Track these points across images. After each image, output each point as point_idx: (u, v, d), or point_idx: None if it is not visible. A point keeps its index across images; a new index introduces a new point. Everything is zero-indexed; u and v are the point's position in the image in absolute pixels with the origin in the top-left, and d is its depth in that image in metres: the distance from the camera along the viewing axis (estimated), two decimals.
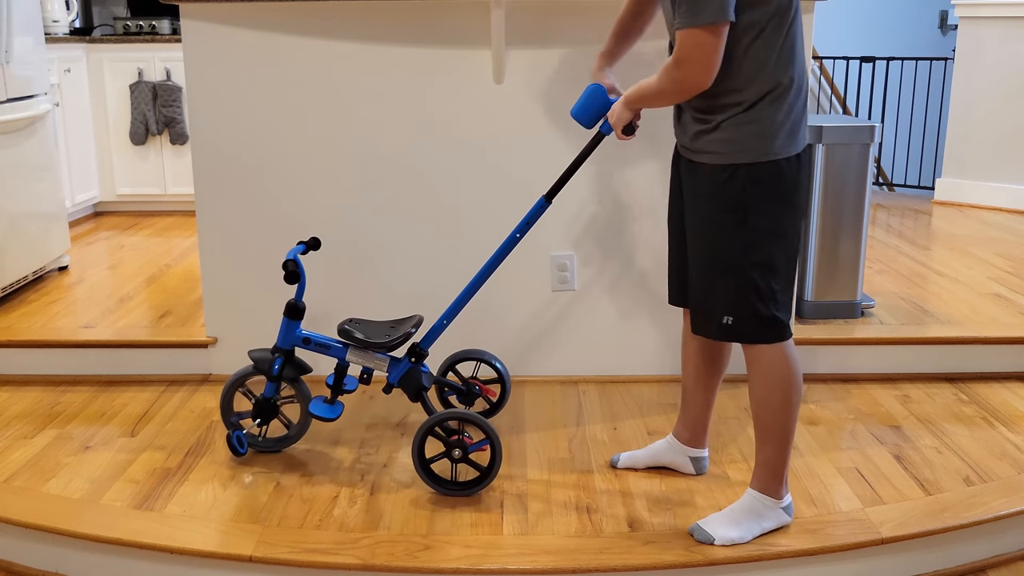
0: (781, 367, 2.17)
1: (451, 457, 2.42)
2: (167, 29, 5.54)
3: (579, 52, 3.01)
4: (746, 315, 2.14)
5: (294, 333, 2.56)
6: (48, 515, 2.32)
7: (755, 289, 2.13)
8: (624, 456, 2.60)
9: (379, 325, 2.60)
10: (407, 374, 2.56)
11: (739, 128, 2.09)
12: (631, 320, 3.22)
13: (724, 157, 2.11)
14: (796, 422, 2.21)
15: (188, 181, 5.35)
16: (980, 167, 5.58)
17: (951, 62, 6.41)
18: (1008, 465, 2.60)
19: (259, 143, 3.09)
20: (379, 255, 3.17)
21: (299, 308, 2.54)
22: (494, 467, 2.41)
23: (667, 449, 2.56)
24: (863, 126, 3.35)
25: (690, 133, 2.18)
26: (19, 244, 3.81)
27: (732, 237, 2.13)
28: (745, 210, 2.11)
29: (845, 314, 3.46)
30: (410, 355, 2.56)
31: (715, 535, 2.19)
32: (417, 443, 2.41)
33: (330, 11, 2.99)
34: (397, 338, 2.50)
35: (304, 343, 2.57)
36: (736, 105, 2.08)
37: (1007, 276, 4.05)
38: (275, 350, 2.57)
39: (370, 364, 2.56)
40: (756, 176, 2.09)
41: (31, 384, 3.20)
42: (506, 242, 2.48)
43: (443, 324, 2.57)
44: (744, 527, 2.21)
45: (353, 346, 2.55)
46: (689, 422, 2.52)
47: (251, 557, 2.15)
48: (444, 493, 2.43)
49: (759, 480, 2.25)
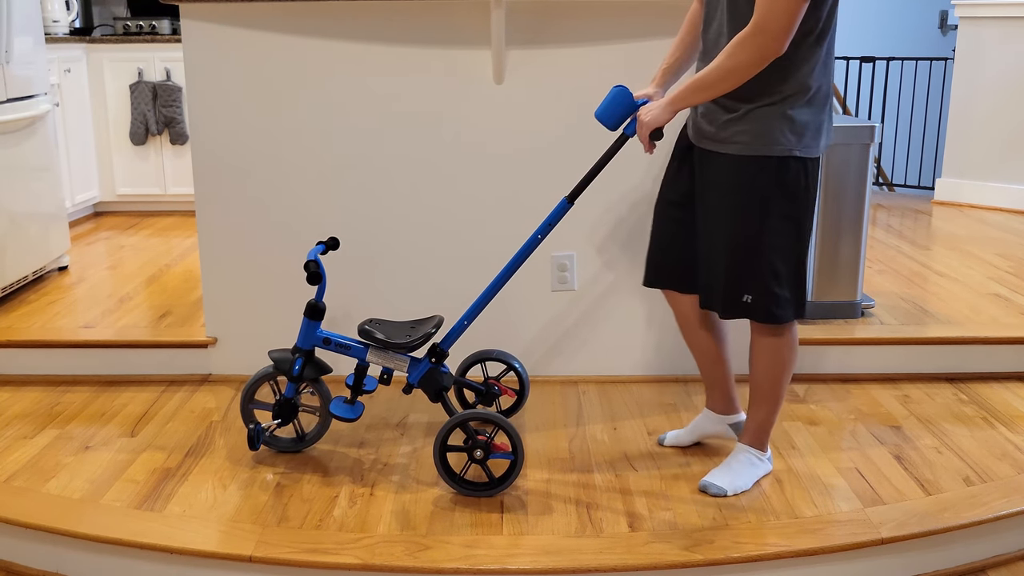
0: (787, 342, 2.38)
1: (471, 455, 2.42)
2: (167, 29, 5.54)
3: (579, 52, 3.01)
4: (764, 294, 2.30)
5: (315, 333, 2.56)
6: (48, 515, 2.32)
7: (774, 272, 2.29)
8: (670, 435, 2.73)
9: (399, 325, 2.60)
10: (427, 375, 2.55)
11: (769, 121, 2.18)
12: (631, 320, 3.22)
13: (754, 148, 2.21)
14: (787, 388, 2.48)
15: (188, 181, 5.35)
16: (980, 167, 5.58)
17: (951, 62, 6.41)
18: (1008, 465, 2.60)
19: (259, 143, 3.09)
20: (379, 255, 3.17)
21: (320, 308, 2.53)
22: (507, 481, 2.42)
23: (707, 422, 2.68)
24: (863, 126, 3.35)
25: (718, 121, 2.25)
26: (19, 244, 3.81)
27: (757, 223, 2.26)
28: (769, 199, 2.24)
29: (845, 314, 3.46)
30: (430, 355, 2.55)
31: (726, 487, 2.42)
32: (443, 434, 2.41)
33: (330, 11, 2.99)
34: (418, 339, 2.49)
35: (325, 343, 2.56)
36: (771, 95, 2.17)
37: (1007, 276, 4.05)
38: (295, 350, 2.57)
39: (390, 364, 2.55)
40: (784, 169, 2.22)
41: (31, 384, 3.20)
42: (527, 243, 2.48)
43: (463, 325, 2.55)
44: (744, 477, 2.46)
45: (374, 347, 2.55)
46: (717, 394, 2.65)
47: (251, 557, 2.15)
48: (453, 486, 2.43)
49: (750, 436, 2.50)
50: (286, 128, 3.08)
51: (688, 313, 2.55)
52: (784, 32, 2.07)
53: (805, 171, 2.24)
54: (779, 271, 2.29)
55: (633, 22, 2.98)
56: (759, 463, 2.50)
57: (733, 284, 2.31)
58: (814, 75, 2.18)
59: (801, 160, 2.22)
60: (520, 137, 3.08)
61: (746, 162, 2.22)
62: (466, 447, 2.43)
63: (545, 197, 3.11)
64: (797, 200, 2.25)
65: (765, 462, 2.52)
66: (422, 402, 3.05)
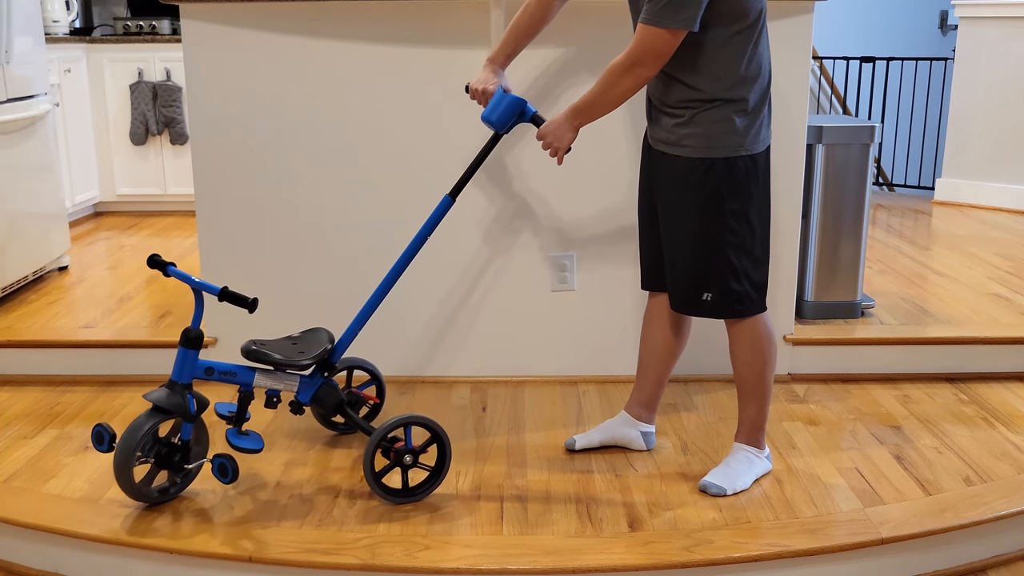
0: (760, 334, 2.42)
1: (403, 464, 2.36)
2: (167, 29, 5.54)
3: (579, 52, 3.01)
4: (724, 291, 2.36)
5: (194, 364, 2.29)
6: (48, 515, 2.32)
7: (731, 268, 2.35)
8: (580, 437, 2.70)
9: (282, 343, 2.46)
10: (322, 391, 2.48)
11: (713, 124, 2.28)
12: (631, 320, 3.22)
13: (701, 151, 2.30)
14: (773, 381, 2.49)
15: (188, 181, 5.35)
16: (980, 167, 5.58)
17: (951, 62, 6.41)
18: (1008, 465, 2.60)
19: (259, 143, 3.09)
20: (380, 254, 3.17)
21: (198, 336, 2.29)
22: (445, 464, 2.39)
23: (620, 425, 2.70)
24: (863, 126, 3.35)
25: (667, 126, 2.35)
26: (19, 244, 3.81)
27: (709, 221, 2.33)
28: (720, 197, 2.31)
29: (845, 314, 3.46)
30: (322, 370, 2.49)
31: (726, 486, 2.43)
32: (369, 459, 2.32)
33: (330, 11, 2.99)
34: (316, 355, 2.39)
35: (207, 373, 2.32)
36: (711, 98, 2.26)
37: (1007, 276, 4.05)
38: (173, 385, 2.27)
39: (279, 386, 2.42)
40: (730, 168, 2.30)
41: (31, 384, 3.20)
42: (412, 244, 2.51)
43: (354, 333, 2.51)
44: (744, 476, 2.47)
45: (263, 370, 2.40)
46: (643, 398, 2.68)
47: (251, 557, 2.15)
48: (400, 503, 2.37)
49: (745, 435, 2.52)
50: (286, 128, 3.08)
51: (662, 310, 2.58)
52: (659, 61, 2.21)
53: (754, 166, 2.32)
54: (737, 267, 2.35)
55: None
56: (758, 461, 2.51)
57: (693, 282, 2.38)
58: (750, 77, 2.27)
59: (748, 157, 2.31)
60: (520, 137, 3.08)
61: (695, 164, 2.31)
62: (395, 461, 2.36)
63: (545, 197, 3.11)
64: (748, 196, 2.33)
65: (764, 460, 2.53)
66: (421, 404, 3.05)
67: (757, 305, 2.40)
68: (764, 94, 2.31)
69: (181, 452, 2.34)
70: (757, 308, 2.40)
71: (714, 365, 3.22)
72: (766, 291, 2.42)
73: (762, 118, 2.33)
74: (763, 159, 2.35)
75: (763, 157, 2.35)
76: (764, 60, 2.30)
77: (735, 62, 2.24)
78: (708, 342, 3.15)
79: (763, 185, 2.36)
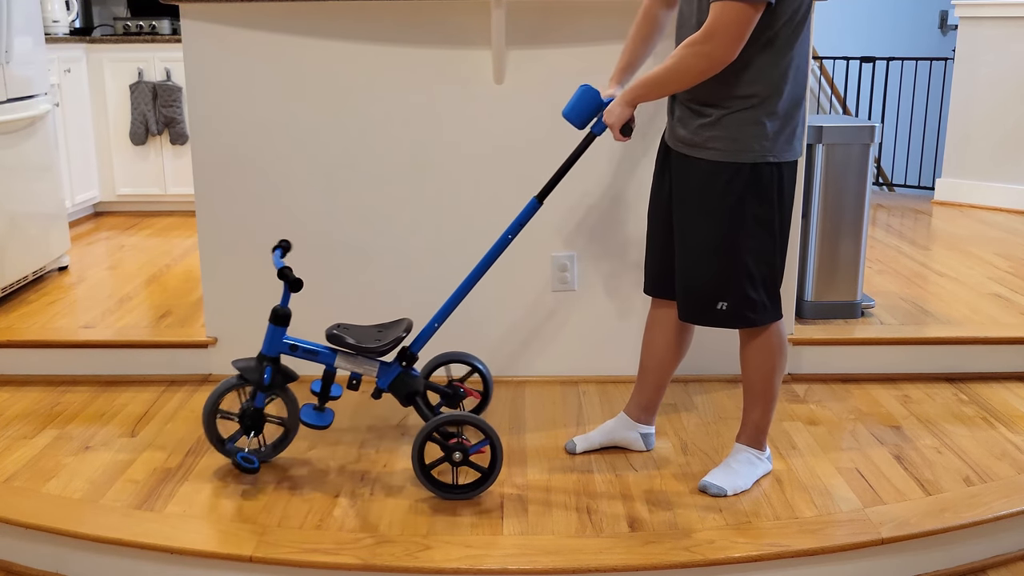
0: (773, 341, 2.40)
1: (451, 461, 2.41)
2: (167, 29, 5.54)
3: (579, 52, 3.01)
4: (740, 299, 2.31)
5: (281, 340, 2.48)
6: (48, 515, 2.32)
7: (748, 276, 2.30)
8: (580, 440, 2.69)
9: (367, 330, 2.56)
10: (398, 379, 2.53)
11: (742, 127, 2.19)
12: (631, 320, 3.22)
13: (727, 155, 2.22)
14: (780, 386, 2.48)
15: (188, 181, 5.35)
16: (980, 167, 5.58)
17: (951, 62, 6.41)
18: (1008, 465, 2.60)
19: (259, 143, 3.09)
20: (380, 254, 3.17)
21: (286, 314, 2.46)
22: (495, 467, 2.41)
23: (619, 427, 2.68)
24: (863, 126, 3.35)
25: (692, 126, 2.26)
26: (19, 244, 3.81)
27: (731, 228, 2.27)
28: (744, 204, 2.25)
29: (845, 314, 3.46)
30: (400, 359, 2.54)
31: (726, 487, 2.42)
32: (416, 449, 2.39)
33: (330, 11, 2.99)
34: (388, 343, 2.46)
35: (291, 350, 2.49)
36: (743, 100, 2.17)
37: (1007, 276, 4.05)
38: (262, 358, 2.48)
39: (359, 370, 2.51)
40: (757, 174, 2.23)
41: (31, 384, 3.20)
42: (497, 243, 2.49)
43: (434, 327, 2.54)
44: (744, 476, 2.47)
45: (343, 352, 2.51)
46: (643, 401, 2.66)
47: (251, 557, 2.15)
48: (447, 497, 2.42)
49: (747, 436, 2.51)
50: (286, 128, 3.08)
51: (666, 317, 2.54)
52: (733, 40, 2.08)
53: (780, 175, 2.25)
54: (754, 275, 2.30)
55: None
56: (758, 462, 2.51)
57: (709, 291, 2.32)
58: (786, 80, 2.18)
59: (775, 165, 2.24)
60: (520, 137, 3.08)
61: (721, 168, 2.24)
62: (446, 455, 2.40)
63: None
64: (772, 204, 2.26)
65: (764, 461, 2.53)
66: None
67: (772, 314, 2.36)
68: (799, 99, 2.22)
69: (250, 417, 2.52)
70: (772, 316, 2.36)
71: (714, 365, 3.22)
72: (780, 299, 2.38)
73: (795, 125, 2.24)
74: (790, 170, 2.27)
75: (791, 167, 2.27)
76: (803, 61, 2.21)
77: (777, 58, 2.15)
78: (708, 342, 3.15)
79: (789, 196, 2.29)
